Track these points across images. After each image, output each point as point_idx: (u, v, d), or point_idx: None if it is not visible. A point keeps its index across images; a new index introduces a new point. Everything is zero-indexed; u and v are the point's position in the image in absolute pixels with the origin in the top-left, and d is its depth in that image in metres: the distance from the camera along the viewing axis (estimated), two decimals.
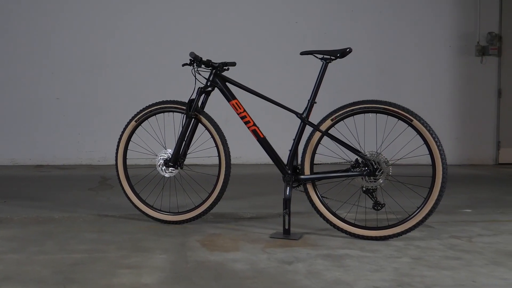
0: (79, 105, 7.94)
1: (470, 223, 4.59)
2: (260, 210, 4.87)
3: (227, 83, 4.29)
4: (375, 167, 3.91)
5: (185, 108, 4.26)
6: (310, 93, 4.11)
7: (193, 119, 4.28)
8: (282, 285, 2.98)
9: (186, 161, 4.40)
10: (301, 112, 4.11)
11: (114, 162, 4.49)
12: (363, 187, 3.96)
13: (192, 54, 4.14)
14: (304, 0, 8.75)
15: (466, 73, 9.36)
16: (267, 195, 5.52)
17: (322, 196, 4.10)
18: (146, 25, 8.20)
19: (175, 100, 4.35)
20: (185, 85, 4.63)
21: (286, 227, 4.02)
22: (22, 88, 7.85)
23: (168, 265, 3.32)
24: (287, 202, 4.01)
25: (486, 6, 9.34)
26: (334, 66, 8.67)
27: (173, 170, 4.32)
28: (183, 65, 4.29)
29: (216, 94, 4.37)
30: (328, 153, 4.09)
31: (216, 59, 4.33)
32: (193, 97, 4.27)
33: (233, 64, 4.45)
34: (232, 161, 4.28)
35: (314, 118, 4.10)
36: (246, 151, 3.94)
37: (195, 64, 4.17)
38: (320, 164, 4.22)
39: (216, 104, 4.78)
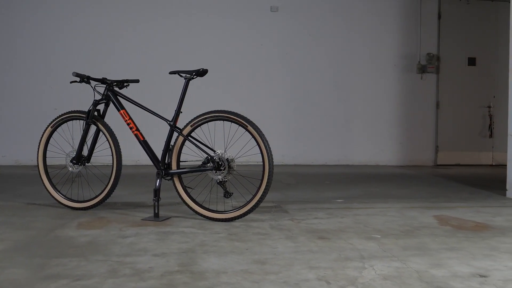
0: None
1: (323, 209, 4.76)
2: (166, 200, 5.06)
3: (118, 97, 4.62)
4: (220, 163, 4.15)
5: (85, 116, 4.61)
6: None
7: (94, 126, 4.62)
8: (94, 251, 3.25)
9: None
10: (170, 119, 4.39)
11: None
12: (216, 179, 4.20)
13: (74, 73, 4.48)
14: (268, 26, 9.13)
15: (408, 88, 9.49)
16: None
17: (186, 186, 4.37)
18: (135, 48, 8.69)
19: (79, 110, 4.71)
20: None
21: (156, 211, 4.31)
22: (26, 99, 8.46)
23: (27, 238, 3.61)
24: (156, 192, 4.31)
25: (426, 31, 9.48)
26: (293, 82, 9.03)
27: (77, 166, 4.67)
28: (71, 82, 4.65)
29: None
30: (193, 153, 4.35)
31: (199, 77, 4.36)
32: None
33: (136, 81, 4.77)
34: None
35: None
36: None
37: (85, 80, 4.51)
38: (186, 161, 4.47)
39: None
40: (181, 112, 4.42)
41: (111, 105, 4.68)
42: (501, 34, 9.32)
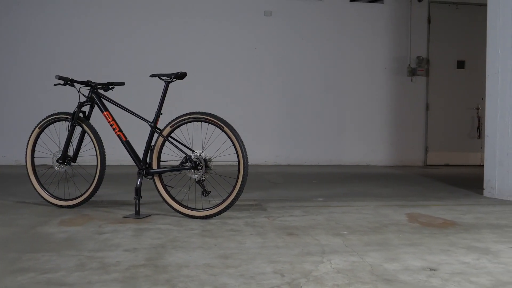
0: None
1: (301, 207, 4.79)
2: (152, 199, 5.10)
3: (102, 99, 4.69)
4: (197, 163, 4.20)
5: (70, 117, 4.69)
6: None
7: (80, 127, 4.68)
8: (69, 246, 3.31)
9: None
10: (151, 121, 4.44)
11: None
12: (195, 178, 4.25)
13: (57, 76, 4.55)
14: (262, 30, 9.20)
15: (399, 90, 9.51)
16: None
17: (166, 185, 4.43)
18: (133, 52, 8.79)
19: (65, 112, 4.78)
20: (169, 101, 4.72)
21: (137, 209, 4.36)
22: (26, 101, 8.59)
23: (8, 234, 3.66)
24: (137, 190, 4.36)
25: (416, 35, 9.52)
26: (286, 84, 9.12)
27: (63, 166, 4.73)
28: (55, 85, 4.72)
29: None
30: (173, 153, 4.40)
31: (195, 76, 4.41)
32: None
33: (122, 83, 4.83)
34: None
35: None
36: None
37: (69, 83, 4.58)
38: (167, 161, 4.51)
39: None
40: (162, 114, 4.48)
41: (96, 107, 4.74)
42: None
